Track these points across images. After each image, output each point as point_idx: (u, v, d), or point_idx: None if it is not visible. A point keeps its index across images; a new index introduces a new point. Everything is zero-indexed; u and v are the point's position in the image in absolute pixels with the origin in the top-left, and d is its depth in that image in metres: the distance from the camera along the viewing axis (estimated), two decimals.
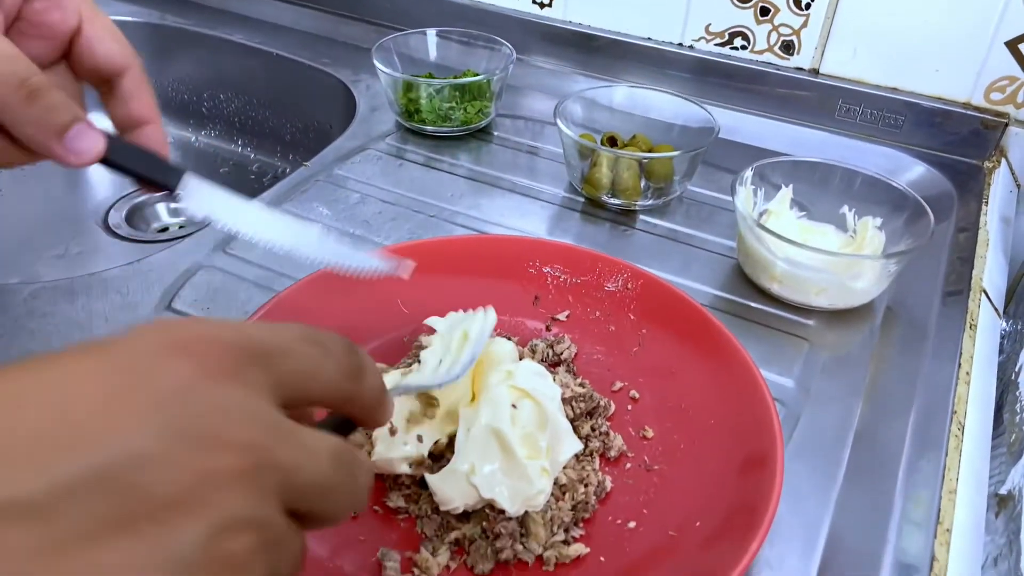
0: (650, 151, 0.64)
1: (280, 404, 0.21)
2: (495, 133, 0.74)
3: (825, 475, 0.43)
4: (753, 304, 0.54)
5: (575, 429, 0.42)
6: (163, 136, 0.37)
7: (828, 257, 0.50)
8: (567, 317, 0.51)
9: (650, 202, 0.63)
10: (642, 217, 0.63)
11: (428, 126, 0.71)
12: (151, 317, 0.51)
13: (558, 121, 0.62)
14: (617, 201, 0.63)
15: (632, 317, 0.49)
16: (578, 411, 0.44)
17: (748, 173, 0.56)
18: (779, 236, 0.50)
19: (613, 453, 0.43)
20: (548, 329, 0.50)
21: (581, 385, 0.45)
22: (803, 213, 0.59)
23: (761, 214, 0.57)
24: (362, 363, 0.25)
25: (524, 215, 0.63)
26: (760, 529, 0.34)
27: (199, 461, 0.18)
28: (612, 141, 0.65)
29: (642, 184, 0.62)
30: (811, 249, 0.50)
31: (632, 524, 0.39)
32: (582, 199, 0.65)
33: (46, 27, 0.34)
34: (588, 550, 0.38)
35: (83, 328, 0.49)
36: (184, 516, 0.18)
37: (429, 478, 0.37)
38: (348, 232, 0.59)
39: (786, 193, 0.58)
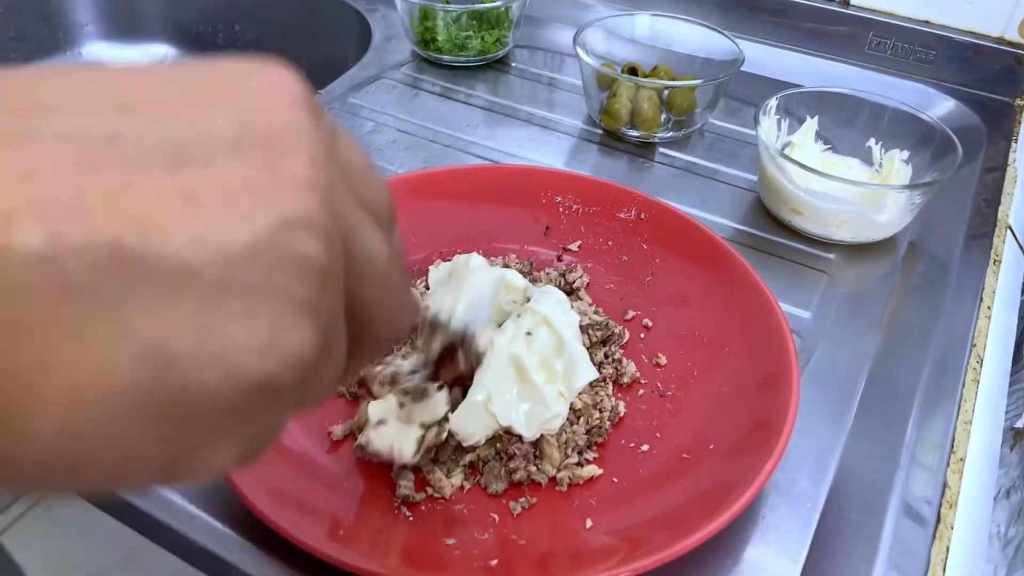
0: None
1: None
2: (513, 64, 0.72)
3: (839, 405, 0.42)
4: (773, 237, 0.53)
5: (590, 357, 0.42)
6: None
7: (852, 188, 0.49)
8: (579, 247, 0.50)
9: (670, 134, 0.62)
10: (661, 150, 0.62)
11: (444, 55, 0.70)
12: None
13: (578, 49, 0.61)
14: (636, 133, 0.61)
15: (645, 247, 0.49)
16: (594, 339, 0.43)
17: (773, 103, 0.55)
18: (802, 165, 0.49)
19: (626, 380, 0.42)
20: (560, 259, 0.50)
21: (597, 313, 0.45)
22: (828, 147, 0.57)
23: (784, 146, 0.56)
24: (395, 213, 0.21)
25: (541, 147, 0.62)
26: (775, 448, 0.34)
27: (270, 156, 0.16)
28: (633, 71, 0.63)
29: (662, 116, 0.61)
30: (835, 179, 0.49)
31: (645, 447, 0.39)
32: (600, 131, 0.63)
33: None
34: (601, 471, 0.38)
35: None
36: (251, 200, 0.15)
37: (451, 419, 0.37)
38: None
39: (811, 125, 0.56)
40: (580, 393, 0.40)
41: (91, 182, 0.14)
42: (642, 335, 0.45)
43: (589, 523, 0.36)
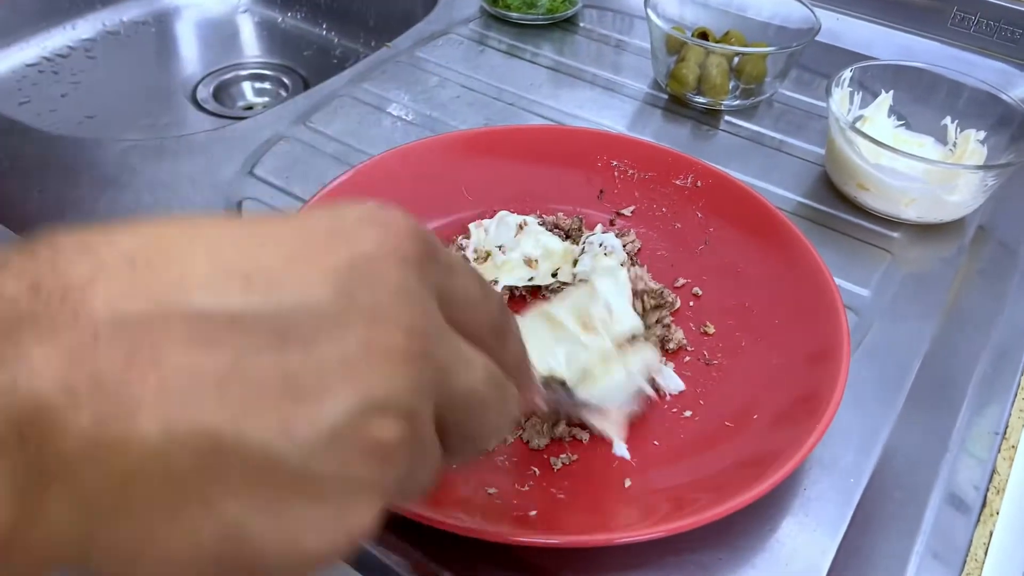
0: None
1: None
2: (581, 24, 0.71)
3: (891, 385, 0.42)
4: (836, 213, 0.52)
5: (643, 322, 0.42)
6: None
7: (923, 165, 0.48)
8: (632, 212, 0.50)
9: (737, 102, 0.61)
10: (727, 118, 0.61)
11: (513, 12, 0.70)
12: (233, 181, 0.52)
13: (648, 11, 0.60)
14: (702, 99, 0.60)
15: (699, 215, 0.48)
16: (648, 305, 0.43)
17: (847, 74, 0.53)
18: (873, 140, 0.48)
19: (672, 345, 0.42)
20: (612, 223, 0.50)
21: (652, 281, 0.45)
22: (901, 123, 0.55)
23: (856, 120, 0.54)
24: (511, 325, 0.24)
25: (603, 109, 0.61)
26: (820, 421, 0.34)
27: (369, 332, 0.17)
28: (703, 36, 0.62)
29: (731, 83, 0.60)
30: (906, 155, 0.47)
31: (688, 413, 0.39)
32: (665, 96, 0.63)
33: None
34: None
35: (168, 187, 0.51)
36: (342, 381, 0.17)
37: None
38: (424, 114, 0.59)
39: (885, 99, 0.54)
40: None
41: (206, 371, 0.16)
42: (691, 303, 0.45)
43: (628, 482, 0.36)
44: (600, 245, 0.44)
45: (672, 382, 0.40)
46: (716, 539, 0.34)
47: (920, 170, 0.48)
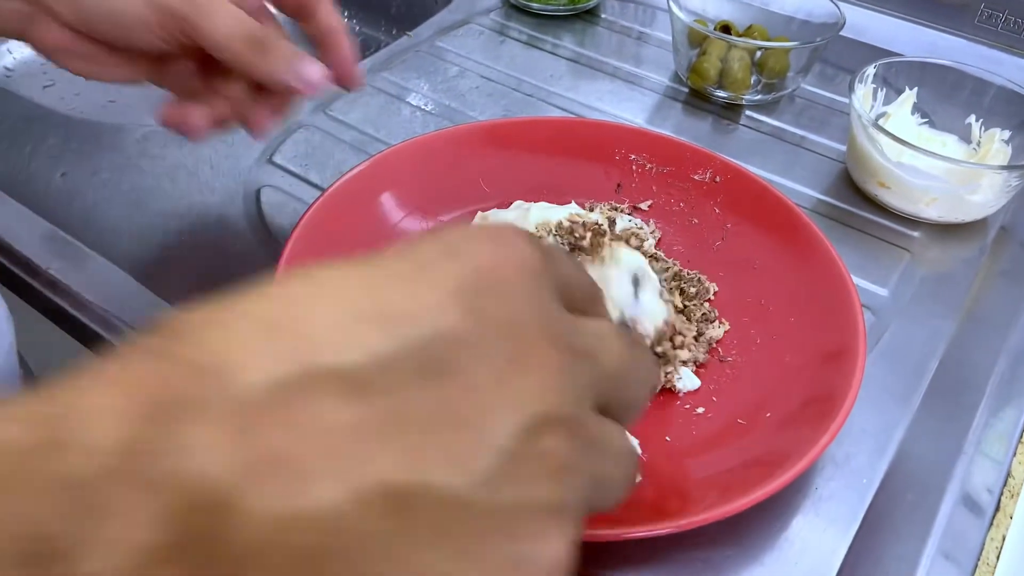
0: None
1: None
2: (602, 15, 0.71)
3: (907, 386, 0.42)
4: (856, 211, 0.52)
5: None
6: (350, 47, 0.41)
7: (946, 164, 0.47)
8: (649, 206, 0.50)
9: (758, 97, 0.60)
10: (748, 113, 0.60)
11: (534, 3, 0.69)
12: (252, 168, 0.52)
13: (670, 3, 0.59)
14: (723, 94, 0.60)
15: (717, 210, 0.48)
16: (688, 293, 0.44)
17: (870, 70, 0.53)
18: (895, 137, 0.47)
19: (713, 334, 0.42)
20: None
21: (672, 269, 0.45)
22: (924, 120, 0.55)
23: (879, 117, 0.54)
24: (597, 286, 0.23)
25: (623, 102, 0.61)
26: (834, 421, 0.34)
27: (512, 346, 0.17)
28: (726, 29, 0.61)
29: (752, 78, 0.59)
30: (929, 154, 0.47)
31: (701, 410, 0.39)
32: (686, 90, 0.62)
33: None
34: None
35: (190, 172, 0.52)
36: (498, 400, 0.16)
37: None
38: (443, 104, 0.59)
39: (909, 96, 0.54)
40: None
41: (369, 423, 0.15)
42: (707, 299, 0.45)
43: (638, 477, 0.36)
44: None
45: (689, 381, 0.40)
46: (725, 536, 0.34)
47: (942, 169, 0.48)
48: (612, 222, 0.44)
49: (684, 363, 0.41)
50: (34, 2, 0.37)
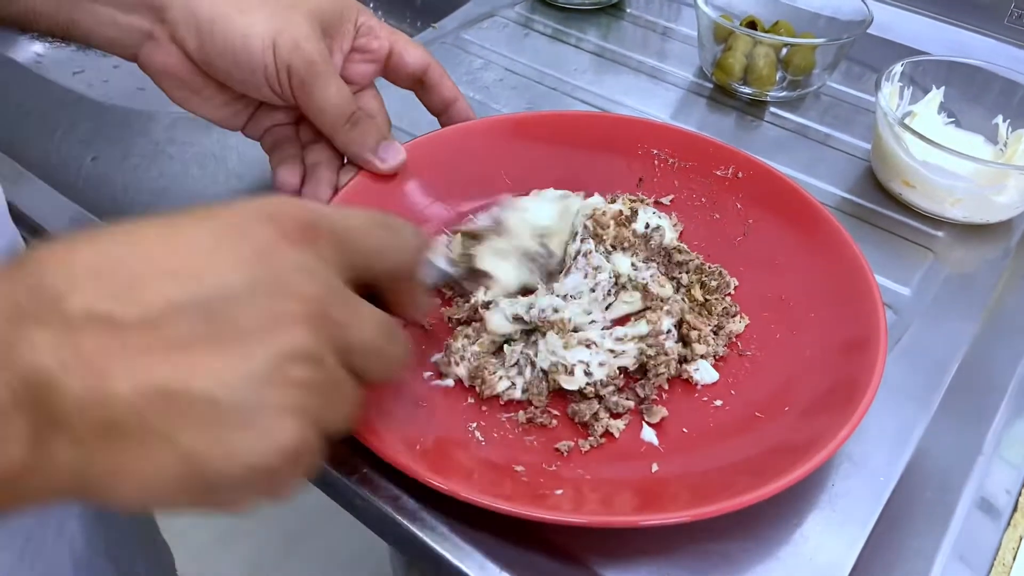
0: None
1: (346, 277, 0.27)
2: (628, 10, 0.71)
3: (926, 385, 0.41)
4: (880, 209, 0.52)
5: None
6: (468, 107, 0.48)
7: (972, 164, 0.47)
8: (671, 201, 0.50)
9: (783, 94, 0.60)
10: (772, 109, 0.60)
11: None
12: None
13: None
14: (748, 90, 0.60)
15: (739, 206, 0.48)
16: (709, 287, 0.44)
17: (897, 69, 0.52)
18: (921, 136, 0.47)
19: (735, 327, 0.43)
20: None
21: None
22: (951, 120, 0.54)
23: (905, 115, 0.54)
24: (420, 257, 0.31)
25: (647, 96, 0.61)
26: (852, 417, 0.34)
27: (273, 304, 0.23)
28: (752, 25, 0.61)
29: (778, 74, 0.59)
30: (954, 153, 0.47)
31: (718, 403, 0.39)
32: (711, 85, 0.62)
33: (371, 53, 0.45)
34: (667, 412, 0.39)
35: (217, 159, 0.52)
36: (258, 342, 0.23)
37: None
38: (467, 96, 0.59)
39: (936, 96, 0.53)
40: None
41: (155, 344, 0.22)
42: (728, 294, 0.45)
43: (655, 467, 0.36)
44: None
45: (707, 374, 0.40)
46: (742, 530, 0.35)
47: (968, 169, 0.47)
48: (634, 212, 0.45)
49: (703, 357, 0.41)
50: (161, 21, 0.38)
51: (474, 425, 0.38)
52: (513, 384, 0.39)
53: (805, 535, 0.35)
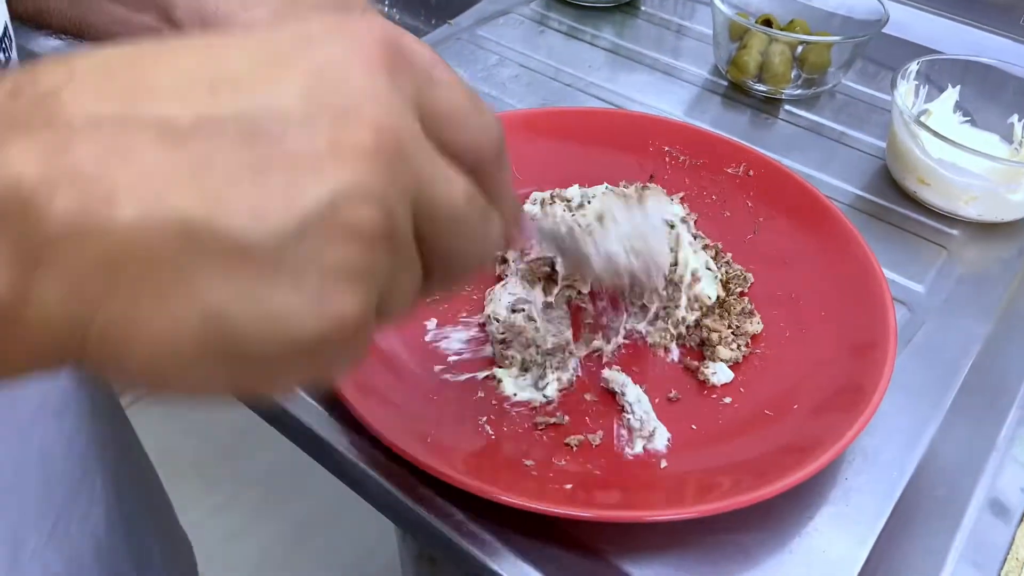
0: None
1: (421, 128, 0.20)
2: (643, 8, 0.71)
3: (940, 382, 0.42)
4: (895, 207, 0.52)
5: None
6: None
7: (987, 162, 0.47)
8: (682, 198, 0.49)
9: (798, 92, 0.60)
10: (787, 107, 0.60)
11: None
12: None
13: None
14: (763, 88, 0.60)
15: (750, 204, 0.48)
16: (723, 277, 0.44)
17: (913, 67, 0.52)
18: (937, 134, 0.47)
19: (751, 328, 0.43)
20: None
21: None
22: (966, 119, 0.54)
23: (920, 114, 0.54)
24: (504, 152, 0.23)
25: (661, 94, 0.61)
26: (863, 414, 0.34)
27: (336, 130, 0.18)
28: (767, 23, 0.61)
29: (793, 72, 0.59)
30: (970, 151, 0.47)
31: (728, 400, 0.40)
32: (725, 83, 0.62)
33: None
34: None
35: None
36: (311, 174, 0.17)
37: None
38: (483, 92, 0.60)
39: (951, 95, 0.53)
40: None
41: (176, 164, 0.16)
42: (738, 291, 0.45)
43: (664, 463, 0.37)
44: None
45: (723, 375, 0.40)
46: (757, 522, 0.35)
47: (984, 167, 0.47)
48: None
49: (724, 361, 0.41)
50: (167, 21, 0.38)
51: (484, 419, 0.38)
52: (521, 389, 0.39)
53: (819, 529, 0.35)
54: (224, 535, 1.17)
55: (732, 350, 0.41)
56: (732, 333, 0.42)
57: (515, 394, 0.39)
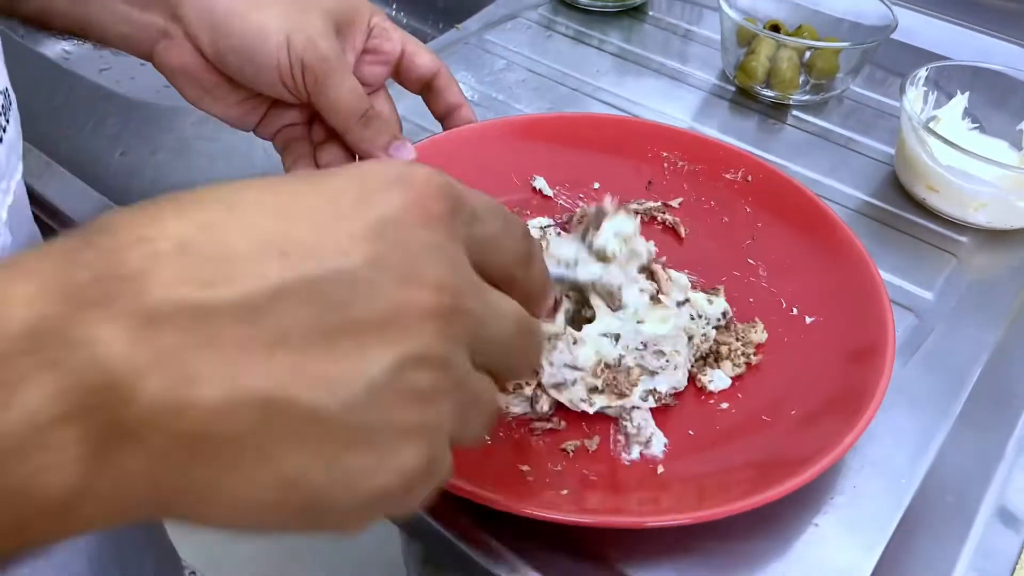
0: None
1: (472, 262, 0.22)
2: (650, 13, 0.71)
3: (949, 390, 0.41)
4: (903, 214, 0.51)
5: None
6: (472, 113, 0.47)
7: (996, 169, 0.47)
8: (679, 204, 0.49)
9: (806, 97, 0.60)
10: (795, 113, 0.60)
11: None
12: None
13: (721, 0, 0.59)
14: (771, 93, 0.60)
15: (748, 209, 0.47)
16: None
17: (922, 73, 0.52)
18: (946, 141, 0.47)
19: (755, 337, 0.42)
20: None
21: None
22: (975, 126, 0.54)
23: (929, 120, 0.53)
24: (534, 248, 0.26)
25: (668, 99, 0.61)
26: (860, 421, 0.34)
27: (400, 292, 0.19)
28: (775, 28, 0.61)
29: (801, 78, 0.59)
30: (979, 158, 0.46)
31: (725, 405, 0.39)
32: (733, 88, 0.62)
33: (383, 54, 0.44)
34: (676, 402, 0.39)
35: (244, 155, 0.53)
36: (377, 340, 0.19)
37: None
38: (489, 97, 0.60)
39: (960, 101, 0.53)
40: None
41: (255, 342, 0.18)
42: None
43: (661, 469, 0.36)
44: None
45: (720, 382, 0.40)
46: (763, 531, 0.35)
47: (993, 174, 0.47)
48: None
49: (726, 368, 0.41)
50: (175, 18, 0.38)
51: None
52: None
53: (827, 537, 0.35)
54: (227, 537, 1.17)
55: (738, 366, 0.41)
56: (741, 344, 0.41)
57: (508, 408, 0.39)
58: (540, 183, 0.50)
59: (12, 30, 0.67)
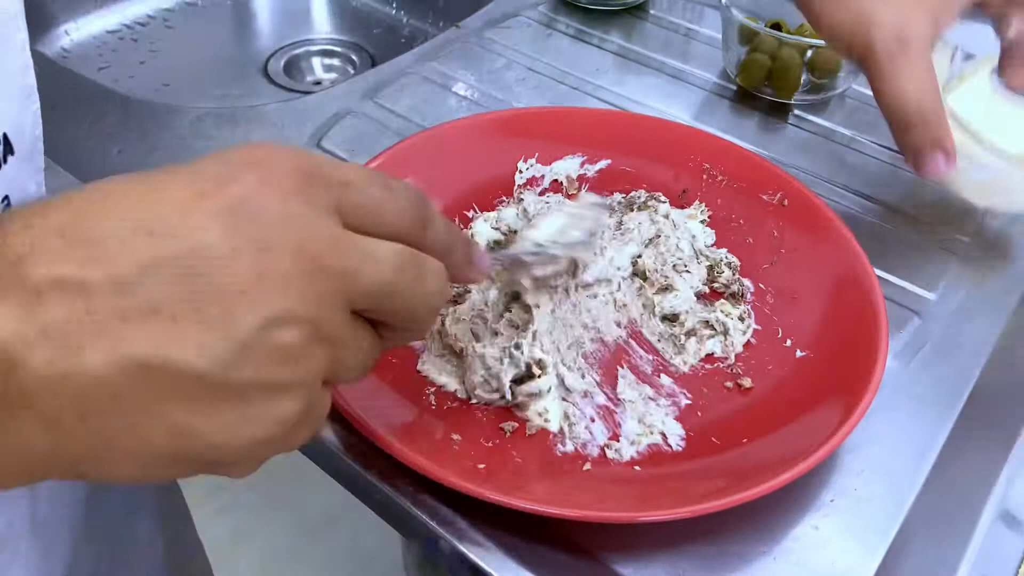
0: None
1: (344, 225, 0.24)
2: (651, 11, 0.71)
3: (951, 391, 0.41)
4: (905, 214, 0.51)
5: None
6: None
7: (1003, 162, 0.46)
8: (709, 217, 0.49)
9: (808, 97, 0.59)
10: (796, 112, 0.59)
11: None
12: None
13: None
14: (772, 92, 0.59)
15: (775, 233, 0.46)
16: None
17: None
18: (959, 122, 0.45)
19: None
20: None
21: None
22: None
23: (950, 79, 0.50)
24: (428, 212, 0.27)
25: (669, 98, 0.61)
26: (849, 419, 0.34)
27: (259, 261, 0.21)
28: (777, 27, 0.61)
29: (803, 77, 0.59)
30: (985, 149, 0.45)
31: (687, 402, 0.39)
32: (734, 87, 0.62)
33: None
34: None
35: None
36: (241, 306, 0.21)
37: None
38: (489, 95, 0.60)
39: (990, 59, 0.49)
40: None
41: (131, 313, 0.20)
42: None
43: (638, 468, 0.36)
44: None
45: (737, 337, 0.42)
46: (760, 531, 0.34)
47: (1000, 164, 0.46)
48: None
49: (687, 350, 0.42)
50: None
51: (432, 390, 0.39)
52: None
53: (827, 539, 0.35)
54: (228, 538, 1.17)
55: (701, 342, 0.42)
56: (719, 315, 0.43)
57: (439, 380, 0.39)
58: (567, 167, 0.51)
59: None
